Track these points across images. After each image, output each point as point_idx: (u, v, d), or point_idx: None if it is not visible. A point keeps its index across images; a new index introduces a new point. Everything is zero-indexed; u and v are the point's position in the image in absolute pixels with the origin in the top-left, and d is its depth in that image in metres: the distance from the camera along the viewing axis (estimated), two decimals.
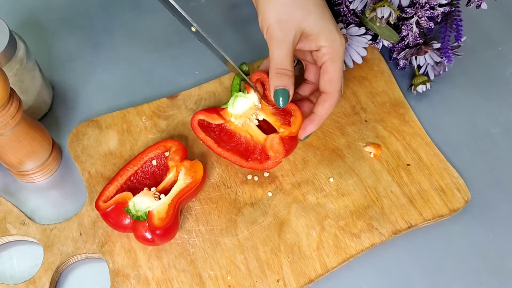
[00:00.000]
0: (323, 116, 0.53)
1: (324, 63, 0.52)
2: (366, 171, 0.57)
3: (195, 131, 0.56)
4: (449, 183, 0.57)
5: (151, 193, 0.51)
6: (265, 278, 0.51)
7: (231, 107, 0.55)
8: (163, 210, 0.50)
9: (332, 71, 0.51)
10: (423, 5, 0.58)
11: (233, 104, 0.55)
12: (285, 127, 0.53)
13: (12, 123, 0.48)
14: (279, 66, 0.51)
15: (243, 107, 0.55)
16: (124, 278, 0.51)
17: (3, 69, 0.51)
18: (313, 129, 0.53)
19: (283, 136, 0.53)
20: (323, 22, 0.51)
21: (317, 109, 0.52)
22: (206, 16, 0.71)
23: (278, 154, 0.53)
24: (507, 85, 0.66)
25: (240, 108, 0.55)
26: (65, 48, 0.67)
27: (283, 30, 0.50)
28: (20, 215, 0.54)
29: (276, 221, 0.54)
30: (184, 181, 0.52)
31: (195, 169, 0.52)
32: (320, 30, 0.51)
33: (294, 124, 0.53)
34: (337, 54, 0.51)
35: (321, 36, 0.51)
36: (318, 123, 0.53)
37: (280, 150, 0.53)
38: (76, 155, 0.57)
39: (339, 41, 0.51)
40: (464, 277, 0.54)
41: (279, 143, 0.53)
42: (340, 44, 0.51)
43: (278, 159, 0.53)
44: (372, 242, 0.53)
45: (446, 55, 0.60)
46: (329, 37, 0.51)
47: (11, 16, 0.69)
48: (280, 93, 0.51)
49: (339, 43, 0.51)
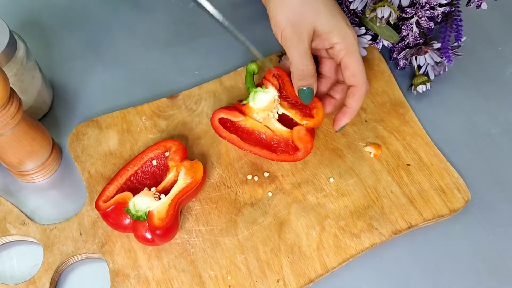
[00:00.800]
0: (355, 107, 0.54)
1: (342, 59, 0.53)
2: (366, 171, 0.57)
3: (217, 130, 0.56)
4: (449, 183, 0.57)
5: (151, 193, 0.51)
6: (265, 278, 0.51)
7: (252, 102, 0.56)
8: (163, 210, 0.50)
9: (352, 64, 0.52)
10: (423, 5, 0.58)
11: (254, 99, 0.56)
12: (308, 119, 0.55)
13: (12, 123, 0.48)
14: (299, 67, 0.52)
15: (264, 101, 0.56)
16: (124, 278, 0.51)
17: (3, 69, 0.51)
18: (347, 121, 0.55)
19: (308, 127, 0.55)
20: (333, 20, 0.52)
21: (348, 102, 0.54)
22: (206, 16, 0.71)
23: (308, 144, 0.54)
24: (507, 85, 0.66)
25: (262, 103, 0.56)
26: (65, 48, 0.67)
27: (296, 32, 0.52)
28: (20, 215, 0.54)
29: (276, 221, 0.54)
30: (184, 181, 0.52)
31: (195, 169, 0.52)
32: (331, 27, 0.52)
33: (317, 116, 0.54)
34: (352, 48, 0.52)
35: (333, 34, 0.52)
36: (351, 115, 0.54)
37: (308, 140, 0.54)
38: (76, 155, 0.57)
39: (351, 36, 0.52)
40: (464, 277, 0.54)
41: (306, 133, 0.54)
42: (352, 38, 0.52)
43: (308, 149, 0.54)
44: (372, 242, 0.53)
45: (446, 55, 0.60)
46: (341, 34, 0.52)
47: (11, 16, 0.69)
48: (304, 92, 0.53)
49: (351, 37, 0.52)
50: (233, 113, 0.56)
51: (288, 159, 0.55)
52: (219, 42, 0.69)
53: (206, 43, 0.68)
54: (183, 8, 0.72)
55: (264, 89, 0.56)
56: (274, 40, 0.68)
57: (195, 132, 0.59)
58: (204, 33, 0.69)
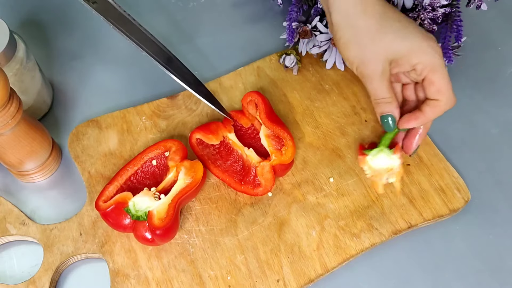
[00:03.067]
0: (430, 118, 0.52)
1: (426, 77, 0.50)
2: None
3: (193, 149, 0.56)
4: (449, 183, 0.57)
5: (151, 193, 0.51)
6: (265, 278, 0.51)
7: (371, 156, 0.54)
8: (163, 210, 0.50)
9: (437, 81, 0.50)
10: (425, 7, 0.58)
11: (376, 155, 0.54)
12: (277, 155, 0.54)
13: (12, 123, 0.48)
14: (376, 98, 0.52)
15: (382, 164, 0.54)
16: (124, 278, 0.51)
17: (3, 69, 0.51)
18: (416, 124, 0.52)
19: (273, 164, 0.53)
20: (407, 41, 0.49)
21: (425, 110, 0.51)
22: (206, 16, 0.71)
23: (268, 182, 0.53)
24: (507, 85, 0.66)
25: (379, 164, 0.54)
26: (65, 48, 0.67)
27: (369, 68, 0.50)
28: (20, 215, 0.54)
29: (276, 221, 0.54)
30: (184, 181, 0.52)
31: (195, 169, 0.52)
32: (407, 51, 0.50)
33: (285, 155, 0.53)
34: (435, 63, 0.50)
35: (411, 56, 0.50)
36: (422, 122, 0.52)
37: (269, 179, 0.53)
38: (76, 155, 0.57)
39: (430, 49, 0.49)
40: (464, 277, 0.54)
41: (270, 171, 0.53)
42: (433, 51, 0.49)
43: (267, 188, 0.53)
44: (372, 242, 0.53)
45: (446, 55, 0.60)
46: (419, 52, 0.49)
47: (11, 16, 0.69)
48: (385, 118, 0.52)
49: (432, 50, 0.49)
50: (207, 136, 0.55)
51: (249, 193, 0.54)
52: (219, 42, 0.69)
53: (206, 43, 0.68)
54: (183, 8, 0.72)
55: (392, 154, 0.53)
56: (273, 40, 0.68)
57: None
58: (204, 33, 0.69)
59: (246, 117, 0.57)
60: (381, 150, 0.54)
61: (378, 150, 0.54)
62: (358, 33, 0.50)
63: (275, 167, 0.54)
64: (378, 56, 0.50)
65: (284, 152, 0.53)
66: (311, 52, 0.63)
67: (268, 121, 0.55)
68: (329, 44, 0.62)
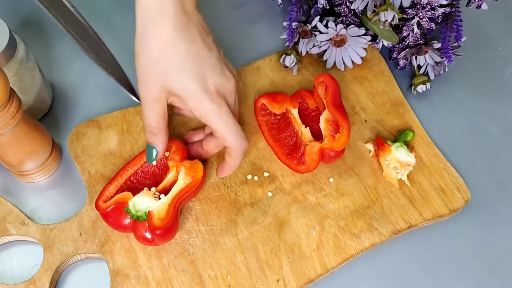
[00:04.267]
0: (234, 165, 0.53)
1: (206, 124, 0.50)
2: (366, 171, 0.57)
3: (256, 112, 0.58)
4: (449, 183, 0.57)
5: (151, 193, 0.51)
6: (265, 278, 0.51)
7: (394, 148, 0.56)
8: (163, 210, 0.50)
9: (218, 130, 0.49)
10: (424, 6, 0.58)
11: (397, 148, 0.56)
12: (329, 140, 0.54)
13: (12, 123, 0.48)
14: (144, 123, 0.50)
15: (402, 157, 0.56)
16: (124, 278, 0.51)
17: (3, 69, 0.51)
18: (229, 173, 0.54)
19: (323, 147, 0.54)
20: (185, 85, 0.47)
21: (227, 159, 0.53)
22: (206, 16, 0.71)
23: (312, 163, 0.54)
24: (507, 85, 0.66)
25: (400, 156, 0.56)
26: (65, 48, 0.67)
27: (143, 89, 0.49)
28: (20, 215, 0.54)
29: (276, 221, 0.54)
30: (184, 181, 0.52)
31: (195, 169, 0.52)
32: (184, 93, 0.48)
33: (337, 141, 0.53)
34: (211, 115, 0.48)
35: (187, 99, 0.48)
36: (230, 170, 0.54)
37: (315, 159, 0.54)
38: (76, 155, 0.57)
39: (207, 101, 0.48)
40: (464, 277, 0.54)
41: (317, 152, 0.54)
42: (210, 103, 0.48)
43: (310, 168, 0.54)
44: (372, 242, 0.53)
45: (446, 55, 0.60)
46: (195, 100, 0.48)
47: (11, 16, 0.69)
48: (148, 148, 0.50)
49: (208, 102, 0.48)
50: (273, 104, 0.58)
51: (292, 168, 0.55)
52: (219, 42, 0.68)
53: None
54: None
55: (409, 152, 0.56)
56: (273, 40, 0.68)
57: None
58: None
59: (314, 99, 0.59)
60: (401, 145, 0.56)
61: (400, 144, 0.56)
62: (143, 49, 0.48)
63: (324, 151, 0.54)
64: (155, 81, 0.48)
65: (337, 139, 0.54)
66: (311, 52, 0.63)
67: (331, 105, 0.55)
68: (329, 44, 0.62)
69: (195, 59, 0.48)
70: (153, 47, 0.47)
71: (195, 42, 0.48)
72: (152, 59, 0.47)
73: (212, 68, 0.49)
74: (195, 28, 0.48)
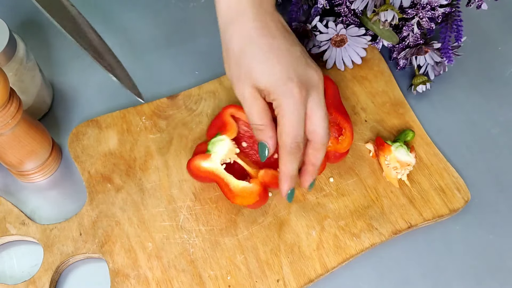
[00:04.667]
0: (284, 171, 0.48)
1: (277, 117, 0.48)
2: (366, 171, 0.57)
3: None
4: (449, 183, 0.57)
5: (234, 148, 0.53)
6: (265, 278, 0.51)
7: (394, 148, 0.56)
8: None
9: (282, 124, 0.47)
10: (424, 6, 0.58)
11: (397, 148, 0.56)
12: (333, 142, 0.54)
13: (12, 123, 0.48)
14: (250, 122, 0.49)
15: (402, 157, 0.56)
16: (124, 278, 0.51)
17: (3, 69, 0.51)
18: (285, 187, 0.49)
19: (328, 150, 0.53)
20: (267, 78, 0.47)
21: (279, 164, 0.49)
22: (206, 16, 0.71)
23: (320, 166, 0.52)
24: (507, 85, 0.66)
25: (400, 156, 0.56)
26: (65, 48, 0.67)
27: (237, 90, 0.49)
28: (20, 215, 0.54)
29: (276, 221, 0.54)
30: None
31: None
32: (266, 86, 0.47)
33: (341, 144, 0.54)
34: (285, 108, 0.47)
35: (269, 91, 0.47)
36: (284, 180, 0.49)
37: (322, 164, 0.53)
38: (76, 155, 0.57)
39: (287, 93, 0.47)
40: (464, 277, 0.54)
41: None
42: (289, 96, 0.47)
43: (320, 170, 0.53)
44: (372, 242, 0.53)
45: (446, 55, 0.60)
46: (276, 91, 0.47)
47: (11, 16, 0.69)
48: (260, 146, 0.50)
49: (288, 95, 0.47)
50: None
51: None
52: (219, 42, 0.68)
53: (206, 43, 0.68)
54: (183, 8, 0.72)
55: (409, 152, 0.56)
56: None
57: (195, 132, 0.59)
58: (204, 33, 0.69)
59: None
60: (401, 145, 0.56)
61: (400, 144, 0.56)
62: (226, 51, 0.49)
63: (328, 153, 0.54)
64: (244, 81, 0.48)
65: (340, 141, 0.54)
66: (311, 52, 0.63)
67: (333, 108, 0.55)
68: (329, 44, 0.62)
69: (278, 54, 0.48)
70: (234, 48, 0.48)
71: (276, 39, 0.48)
72: (235, 59, 0.48)
73: (295, 62, 0.48)
74: (275, 26, 0.49)
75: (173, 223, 0.54)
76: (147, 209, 0.54)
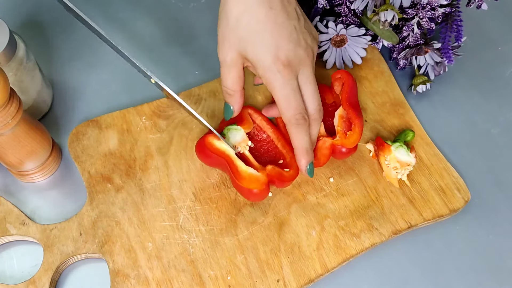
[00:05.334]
0: (298, 146, 0.51)
1: (271, 92, 0.50)
2: (366, 171, 0.57)
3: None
4: (449, 183, 0.57)
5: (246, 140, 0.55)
6: (265, 278, 0.51)
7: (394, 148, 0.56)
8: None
9: (277, 101, 0.50)
10: (424, 6, 0.58)
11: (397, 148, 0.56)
12: (341, 136, 0.54)
13: (12, 123, 0.48)
14: (222, 84, 0.52)
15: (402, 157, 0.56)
16: (124, 278, 0.51)
17: (3, 69, 0.51)
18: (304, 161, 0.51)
19: (335, 143, 0.54)
20: (257, 50, 0.49)
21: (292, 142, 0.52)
22: (206, 16, 0.71)
23: (322, 157, 0.54)
24: (507, 85, 0.66)
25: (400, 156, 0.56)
26: (65, 48, 0.67)
27: (221, 52, 0.51)
28: (20, 215, 0.54)
29: (276, 221, 0.54)
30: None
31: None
32: (254, 59, 0.49)
33: (348, 139, 0.54)
34: (275, 84, 0.49)
35: (257, 65, 0.49)
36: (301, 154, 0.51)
37: (325, 154, 0.54)
38: (76, 155, 0.57)
39: (274, 70, 0.48)
40: (464, 277, 0.54)
41: (328, 148, 0.54)
42: (276, 73, 0.48)
43: (320, 163, 0.54)
44: (372, 242, 0.53)
45: (446, 55, 0.60)
46: (264, 67, 0.49)
47: (11, 16, 0.69)
48: (226, 106, 0.53)
49: (274, 71, 0.48)
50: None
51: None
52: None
53: (206, 43, 0.68)
54: (183, 8, 0.72)
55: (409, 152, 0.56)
56: None
57: (195, 132, 0.59)
58: (204, 33, 0.69)
59: (332, 94, 0.59)
60: (401, 145, 0.56)
61: (400, 144, 0.56)
62: (223, 13, 0.50)
63: (335, 148, 0.54)
64: (230, 46, 0.50)
65: (348, 136, 0.54)
66: None
67: (346, 103, 0.55)
68: (329, 44, 0.62)
69: (271, 27, 0.49)
70: (232, 15, 0.49)
71: (273, 10, 0.49)
72: (229, 25, 0.49)
73: (287, 36, 0.49)
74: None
75: (173, 223, 0.54)
76: (147, 209, 0.54)
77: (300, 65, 0.50)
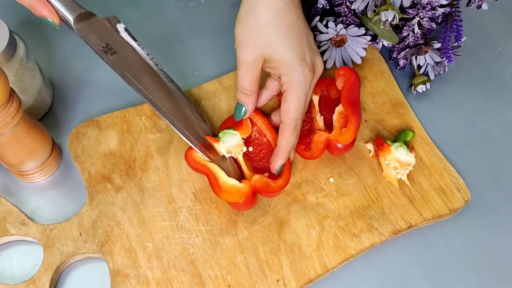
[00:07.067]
0: (285, 146, 0.52)
1: (284, 92, 0.52)
2: (366, 171, 0.57)
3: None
4: (449, 183, 0.57)
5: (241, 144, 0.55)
6: (265, 278, 0.51)
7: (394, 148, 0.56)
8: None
9: (289, 101, 0.52)
10: (424, 6, 0.58)
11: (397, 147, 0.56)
12: (337, 132, 0.54)
13: (12, 123, 0.48)
14: (238, 84, 0.54)
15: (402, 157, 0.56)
16: (124, 278, 0.51)
17: (3, 69, 0.51)
18: (281, 162, 0.52)
19: (330, 138, 0.54)
20: (285, 51, 0.51)
21: (278, 140, 0.53)
22: (206, 16, 0.71)
23: (316, 151, 0.55)
24: (507, 85, 0.66)
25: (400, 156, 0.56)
26: (65, 48, 0.67)
27: (242, 53, 0.52)
28: (20, 215, 0.54)
29: (276, 221, 0.54)
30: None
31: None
32: (280, 58, 0.51)
33: (342, 135, 0.54)
34: (295, 85, 0.51)
35: (281, 65, 0.51)
36: (282, 155, 0.52)
37: (319, 148, 0.55)
38: (76, 155, 0.57)
39: (299, 71, 0.51)
40: (464, 277, 0.54)
41: (323, 142, 0.55)
42: (300, 75, 0.51)
43: (313, 156, 0.55)
44: (372, 242, 0.53)
45: (446, 55, 0.60)
46: (289, 67, 0.51)
47: (11, 16, 0.69)
48: (238, 106, 0.54)
49: (300, 73, 0.51)
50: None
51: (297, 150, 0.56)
52: (218, 42, 0.69)
53: (206, 43, 0.68)
54: (183, 8, 0.72)
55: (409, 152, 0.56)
56: None
57: None
58: (204, 33, 0.69)
59: (337, 90, 0.59)
60: (401, 145, 0.56)
61: (399, 144, 0.56)
62: (250, 15, 0.51)
63: (331, 143, 0.54)
64: (255, 47, 0.51)
65: (342, 133, 0.54)
66: None
67: (345, 99, 0.55)
68: (329, 44, 0.62)
69: (298, 33, 0.52)
70: (262, 17, 0.51)
71: (300, 19, 0.53)
72: (258, 27, 0.51)
73: (309, 45, 0.53)
74: (299, 7, 0.53)
75: (173, 223, 0.54)
76: (147, 209, 0.54)
77: (314, 73, 0.54)
